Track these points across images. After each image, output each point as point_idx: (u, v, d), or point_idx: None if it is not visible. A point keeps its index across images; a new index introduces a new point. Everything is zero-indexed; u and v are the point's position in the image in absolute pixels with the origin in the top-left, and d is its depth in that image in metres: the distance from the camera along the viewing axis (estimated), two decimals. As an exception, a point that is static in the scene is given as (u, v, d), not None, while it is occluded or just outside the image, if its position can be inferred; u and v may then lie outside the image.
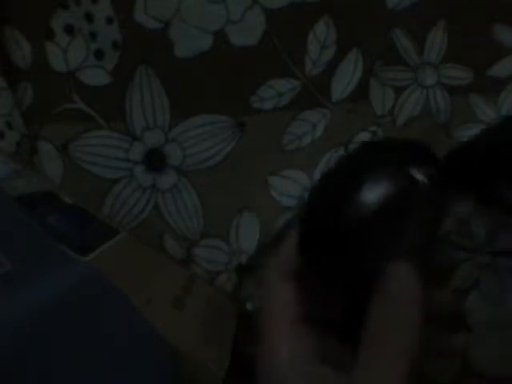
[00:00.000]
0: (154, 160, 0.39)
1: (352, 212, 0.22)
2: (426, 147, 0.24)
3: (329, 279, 0.24)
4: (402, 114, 0.39)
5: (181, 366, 0.29)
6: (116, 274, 0.28)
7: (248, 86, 0.38)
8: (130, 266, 0.32)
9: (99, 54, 0.37)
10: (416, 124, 0.40)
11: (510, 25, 0.38)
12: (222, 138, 0.39)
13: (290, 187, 0.40)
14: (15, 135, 0.38)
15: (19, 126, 0.38)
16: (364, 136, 0.38)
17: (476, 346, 0.38)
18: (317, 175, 0.40)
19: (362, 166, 0.23)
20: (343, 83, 0.39)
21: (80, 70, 0.38)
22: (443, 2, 0.38)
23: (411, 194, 0.22)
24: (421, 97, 0.39)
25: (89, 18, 0.37)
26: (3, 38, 0.37)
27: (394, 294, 0.22)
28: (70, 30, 0.37)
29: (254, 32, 0.37)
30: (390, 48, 0.38)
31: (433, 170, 0.23)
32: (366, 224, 0.22)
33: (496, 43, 0.38)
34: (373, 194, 0.22)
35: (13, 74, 0.38)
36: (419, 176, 0.22)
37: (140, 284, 0.30)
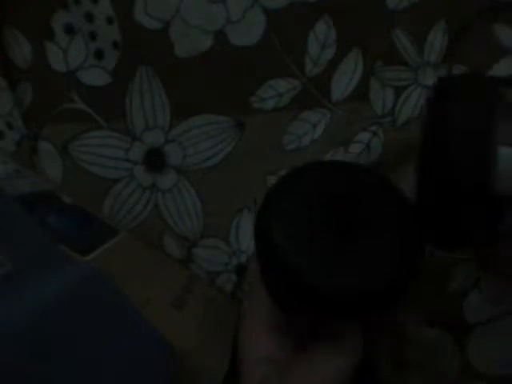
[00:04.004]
0: (154, 160, 0.39)
1: None
2: None
3: None
4: (402, 114, 0.39)
5: (181, 365, 0.29)
6: (116, 274, 0.28)
7: (248, 85, 0.38)
8: (129, 266, 0.32)
9: (99, 54, 0.37)
10: (416, 124, 0.40)
11: (510, 25, 0.38)
12: (222, 138, 0.39)
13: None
14: (15, 135, 0.38)
15: (19, 126, 0.38)
16: (364, 136, 0.38)
17: (476, 346, 0.38)
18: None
19: None
20: (343, 83, 0.39)
21: (80, 70, 0.38)
22: (443, 1, 0.38)
23: None
24: (421, 97, 0.39)
25: (89, 18, 0.37)
26: (3, 38, 0.37)
27: None
28: (69, 29, 0.37)
29: (254, 32, 0.37)
30: (389, 48, 0.38)
31: None
32: None
33: (496, 43, 0.38)
34: None
35: (13, 74, 0.38)
36: None
37: (140, 284, 0.30)
